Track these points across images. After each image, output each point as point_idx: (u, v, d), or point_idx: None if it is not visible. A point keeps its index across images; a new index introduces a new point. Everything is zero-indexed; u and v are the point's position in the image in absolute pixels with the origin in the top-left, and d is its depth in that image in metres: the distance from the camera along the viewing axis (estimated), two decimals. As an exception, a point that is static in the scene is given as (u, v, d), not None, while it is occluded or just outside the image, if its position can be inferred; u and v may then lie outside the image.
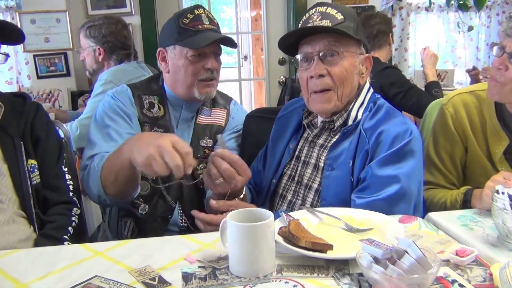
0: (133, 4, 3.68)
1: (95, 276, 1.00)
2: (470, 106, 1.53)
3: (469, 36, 4.32)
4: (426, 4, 4.20)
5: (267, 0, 4.03)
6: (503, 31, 1.38)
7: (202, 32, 1.58)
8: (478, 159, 1.51)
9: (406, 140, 1.30)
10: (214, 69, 1.63)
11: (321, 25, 1.36)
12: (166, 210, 1.65)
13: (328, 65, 1.37)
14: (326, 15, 1.37)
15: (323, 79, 1.38)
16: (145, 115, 1.65)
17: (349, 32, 1.35)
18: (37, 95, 3.44)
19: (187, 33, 1.58)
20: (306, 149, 1.48)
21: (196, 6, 1.64)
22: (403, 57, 4.24)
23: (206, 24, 1.60)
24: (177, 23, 1.60)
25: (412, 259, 0.87)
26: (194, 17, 1.59)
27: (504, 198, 1.06)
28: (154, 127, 1.65)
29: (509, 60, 1.35)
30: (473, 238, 1.12)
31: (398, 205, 1.27)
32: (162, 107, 1.68)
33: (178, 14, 1.62)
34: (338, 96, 1.39)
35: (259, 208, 1.07)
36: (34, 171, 1.37)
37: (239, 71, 4.23)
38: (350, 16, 1.38)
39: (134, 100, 1.66)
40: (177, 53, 1.62)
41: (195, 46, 1.57)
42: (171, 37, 1.62)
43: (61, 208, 1.41)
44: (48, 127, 1.47)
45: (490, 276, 0.94)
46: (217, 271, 1.01)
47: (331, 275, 0.97)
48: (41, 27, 3.47)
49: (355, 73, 1.40)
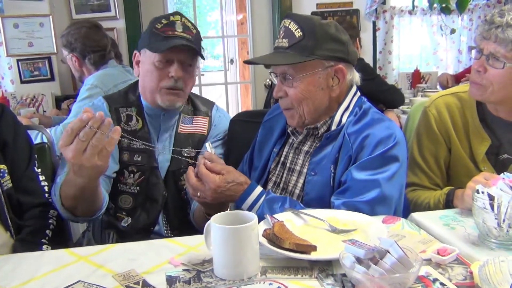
0: (117, 8, 3.65)
1: (78, 281, 0.99)
2: (453, 107, 1.56)
3: (451, 39, 4.38)
4: (409, 7, 4.25)
5: (252, 3, 4.04)
6: (479, 34, 1.41)
7: (171, 38, 1.54)
8: (461, 160, 1.54)
9: (389, 145, 1.31)
10: (178, 78, 1.57)
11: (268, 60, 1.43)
12: (149, 222, 1.63)
13: (286, 86, 1.38)
14: (288, 32, 1.36)
15: (283, 100, 1.41)
16: (122, 129, 1.58)
17: (302, 54, 1.33)
18: (21, 100, 3.40)
19: (156, 38, 1.55)
20: (291, 156, 1.48)
21: (175, 12, 1.61)
22: (387, 60, 4.28)
23: (178, 31, 1.55)
24: (152, 28, 1.57)
25: (393, 259, 0.88)
26: (168, 23, 1.56)
27: (484, 197, 1.08)
28: (133, 141, 1.58)
29: (487, 62, 1.38)
30: (455, 237, 1.14)
31: (377, 208, 1.28)
32: (140, 118, 1.64)
33: (155, 18, 1.60)
34: (300, 114, 1.40)
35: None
36: (4, 176, 1.35)
37: (225, 74, 4.23)
38: (311, 32, 1.33)
39: (111, 115, 1.61)
40: (146, 57, 1.59)
41: (158, 50, 1.53)
42: (144, 41, 1.60)
43: (36, 211, 1.39)
44: (15, 130, 1.43)
45: (470, 274, 0.96)
46: (201, 274, 1.01)
47: (314, 276, 0.98)
48: (24, 32, 3.43)
49: (318, 90, 1.37)
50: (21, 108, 3.12)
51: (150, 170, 1.62)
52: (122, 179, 1.61)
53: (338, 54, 1.37)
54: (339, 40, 1.37)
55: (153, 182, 1.62)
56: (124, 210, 1.61)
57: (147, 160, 1.61)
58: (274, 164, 1.52)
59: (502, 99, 1.43)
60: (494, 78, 1.38)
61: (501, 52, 1.34)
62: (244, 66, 4.61)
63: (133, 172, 1.61)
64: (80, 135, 1.12)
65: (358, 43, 3.05)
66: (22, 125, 1.51)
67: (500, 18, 1.34)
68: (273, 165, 1.52)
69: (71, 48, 2.57)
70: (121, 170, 1.60)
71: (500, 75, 1.37)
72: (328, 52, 1.35)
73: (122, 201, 1.62)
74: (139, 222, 1.62)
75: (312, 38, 1.33)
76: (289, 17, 1.38)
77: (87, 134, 1.12)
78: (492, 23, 1.35)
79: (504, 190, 1.06)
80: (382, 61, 4.29)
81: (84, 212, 1.39)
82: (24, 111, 2.91)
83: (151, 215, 1.63)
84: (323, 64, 1.36)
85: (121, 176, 1.61)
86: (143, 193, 1.62)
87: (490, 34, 1.35)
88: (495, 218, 1.05)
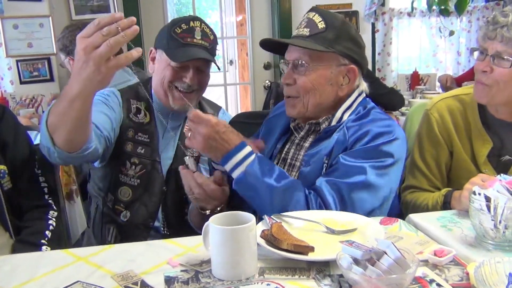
0: (117, 9, 3.66)
1: (77, 282, 0.99)
2: (455, 110, 1.56)
3: (450, 41, 4.40)
4: (408, 9, 4.27)
5: (251, 5, 4.05)
6: (483, 35, 1.42)
7: (190, 46, 1.57)
8: (463, 162, 1.54)
9: (385, 140, 1.31)
10: (192, 84, 1.61)
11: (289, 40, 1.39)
12: (148, 217, 1.64)
13: (297, 74, 1.39)
14: (310, 23, 1.38)
15: (289, 87, 1.41)
16: (130, 120, 1.65)
17: (321, 45, 1.34)
18: (20, 101, 3.40)
19: (175, 43, 1.58)
20: (292, 152, 1.49)
21: (194, 17, 1.63)
22: (386, 62, 4.30)
23: (196, 39, 1.58)
24: (170, 30, 1.59)
25: (390, 260, 0.89)
26: (187, 28, 1.58)
27: (480, 199, 1.08)
28: (138, 132, 1.64)
29: (493, 62, 1.39)
30: (452, 238, 1.15)
31: (359, 193, 1.27)
32: (148, 113, 1.68)
33: (175, 21, 1.62)
34: (303, 104, 1.40)
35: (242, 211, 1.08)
36: (4, 176, 1.35)
37: (224, 75, 4.24)
38: (334, 26, 1.37)
39: (123, 103, 1.65)
40: (163, 58, 1.62)
41: (176, 60, 1.57)
42: (162, 41, 1.62)
43: (36, 212, 1.40)
44: (15, 131, 1.44)
45: (466, 275, 0.97)
46: (199, 275, 1.01)
47: (312, 277, 0.99)
48: (24, 32, 3.44)
49: (327, 84, 1.38)
50: (21, 109, 3.13)
51: (152, 164, 1.64)
52: (124, 170, 1.63)
53: (354, 55, 1.40)
54: (358, 42, 1.42)
55: (154, 176, 1.64)
56: (122, 202, 1.62)
57: (150, 153, 1.63)
58: (276, 161, 1.52)
59: (507, 100, 1.44)
60: (500, 77, 1.39)
61: (507, 51, 1.36)
62: (244, 68, 4.62)
63: (135, 164, 1.63)
64: (104, 29, 1.07)
65: None
66: (23, 126, 1.51)
67: (504, 18, 1.36)
68: (275, 162, 1.52)
69: (67, 51, 2.56)
70: (123, 161, 1.62)
71: (507, 74, 1.38)
72: (346, 49, 1.38)
73: (121, 193, 1.63)
74: (138, 217, 1.63)
75: (334, 32, 1.36)
76: (315, 10, 1.40)
77: (111, 32, 1.07)
78: (496, 23, 1.37)
79: (500, 191, 1.07)
80: (381, 63, 4.31)
81: (66, 137, 1.24)
82: (23, 112, 2.92)
83: (149, 209, 1.64)
84: (338, 60, 1.38)
85: (122, 166, 1.63)
86: (142, 186, 1.63)
87: (496, 33, 1.37)
88: (491, 219, 1.06)
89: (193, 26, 1.58)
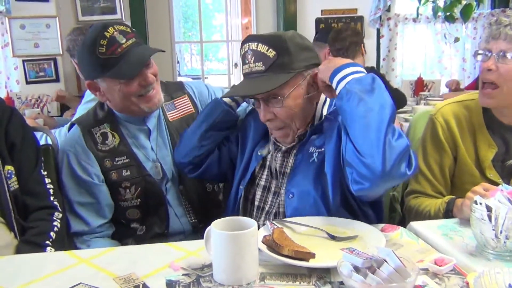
0: (123, 10, 3.69)
1: (79, 283, 1.01)
2: (460, 115, 1.57)
3: (455, 47, 4.40)
4: (413, 15, 4.27)
5: (257, 8, 4.07)
6: (486, 37, 1.44)
7: (125, 55, 1.45)
8: (467, 167, 1.54)
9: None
10: (152, 81, 1.52)
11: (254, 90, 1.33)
12: (162, 225, 1.63)
13: (273, 108, 1.35)
14: (259, 55, 1.32)
15: (272, 122, 1.38)
16: (100, 151, 1.56)
17: (282, 72, 1.30)
18: (26, 100, 3.43)
19: (110, 63, 1.44)
20: (280, 159, 1.45)
21: (105, 26, 1.46)
22: (391, 67, 4.30)
23: (123, 43, 1.45)
24: (95, 55, 1.44)
25: (390, 268, 0.89)
26: (108, 41, 1.44)
27: (482, 208, 1.09)
28: (115, 158, 1.57)
29: (498, 60, 1.40)
30: (453, 247, 1.15)
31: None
32: (115, 133, 1.60)
33: (90, 43, 1.45)
34: (293, 130, 1.39)
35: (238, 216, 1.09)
36: (12, 177, 1.36)
37: (229, 78, 4.26)
38: (283, 48, 1.31)
39: (86, 140, 1.56)
40: (108, 83, 1.50)
41: (127, 76, 1.47)
42: (95, 70, 1.49)
43: (41, 213, 1.40)
44: (23, 132, 1.45)
45: (466, 284, 0.97)
46: (201, 279, 1.02)
47: (312, 283, 0.99)
48: (30, 32, 3.47)
49: (304, 100, 1.36)
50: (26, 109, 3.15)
51: (143, 179, 1.59)
52: (121, 197, 1.59)
53: (312, 61, 1.38)
54: (307, 47, 1.38)
55: (151, 190, 1.60)
56: (135, 220, 1.61)
57: (136, 171, 1.59)
58: (258, 167, 1.50)
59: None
60: (507, 74, 1.40)
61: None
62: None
63: (128, 187, 1.58)
64: None
65: (363, 49, 3.06)
66: (30, 127, 1.53)
67: (507, 18, 1.38)
68: (257, 168, 1.50)
69: (71, 54, 2.60)
70: (116, 190, 1.58)
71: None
72: (304, 62, 1.35)
73: (130, 214, 1.61)
74: (153, 228, 1.62)
75: (286, 53, 1.31)
76: (253, 40, 1.34)
77: None
78: (499, 23, 1.38)
79: (502, 201, 1.07)
80: (386, 68, 4.31)
81: None
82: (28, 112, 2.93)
83: (162, 217, 1.63)
84: (303, 75, 1.35)
85: (118, 195, 1.58)
86: (146, 202, 1.60)
87: (499, 32, 1.38)
88: (492, 229, 1.06)
89: (110, 35, 1.45)
